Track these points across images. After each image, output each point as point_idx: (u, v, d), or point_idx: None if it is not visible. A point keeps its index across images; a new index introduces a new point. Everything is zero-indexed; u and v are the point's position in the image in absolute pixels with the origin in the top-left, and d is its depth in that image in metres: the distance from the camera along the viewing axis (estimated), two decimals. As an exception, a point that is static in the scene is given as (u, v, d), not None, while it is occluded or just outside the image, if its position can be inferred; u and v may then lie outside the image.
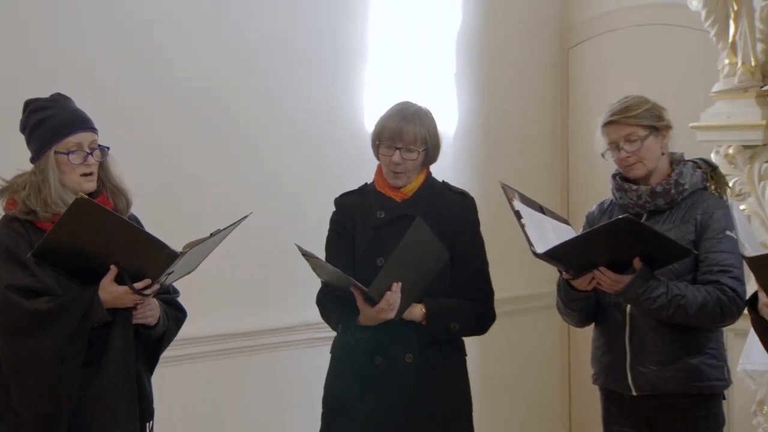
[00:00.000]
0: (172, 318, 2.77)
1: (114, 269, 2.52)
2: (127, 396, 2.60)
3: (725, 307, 2.75)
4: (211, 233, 2.63)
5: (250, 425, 4.10)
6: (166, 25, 3.86)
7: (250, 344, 4.08)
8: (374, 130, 2.97)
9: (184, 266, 2.63)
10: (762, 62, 3.92)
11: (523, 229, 2.73)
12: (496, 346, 4.89)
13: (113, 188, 2.71)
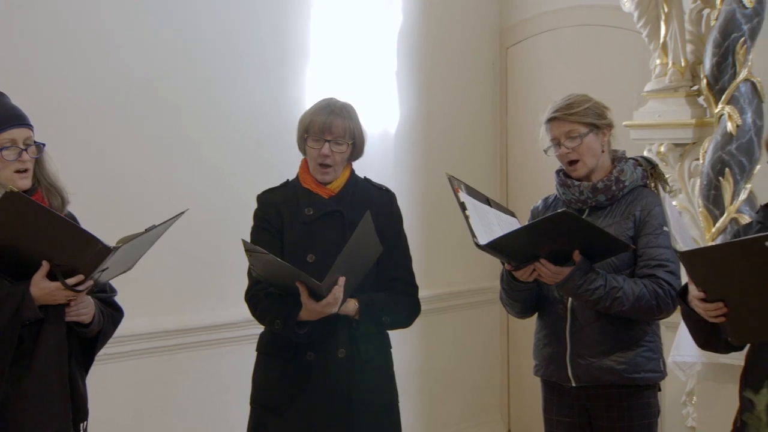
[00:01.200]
0: (108, 317, 2.73)
1: (46, 265, 2.48)
2: (59, 394, 2.56)
3: (661, 300, 2.83)
4: (146, 229, 2.60)
5: (192, 423, 4.08)
6: (107, 23, 3.82)
7: (190, 341, 4.07)
8: (302, 124, 2.96)
9: (120, 263, 2.60)
10: (691, 63, 3.99)
11: (467, 221, 2.77)
12: (437, 339, 4.96)
13: (48, 186, 2.66)
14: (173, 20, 4.01)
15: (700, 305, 2.35)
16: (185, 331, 4.05)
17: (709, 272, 2.30)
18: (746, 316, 2.30)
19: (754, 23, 3.69)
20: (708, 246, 2.34)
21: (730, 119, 3.71)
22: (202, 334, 4.11)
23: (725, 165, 3.72)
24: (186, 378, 4.08)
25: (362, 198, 2.96)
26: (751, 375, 2.52)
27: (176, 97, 4.02)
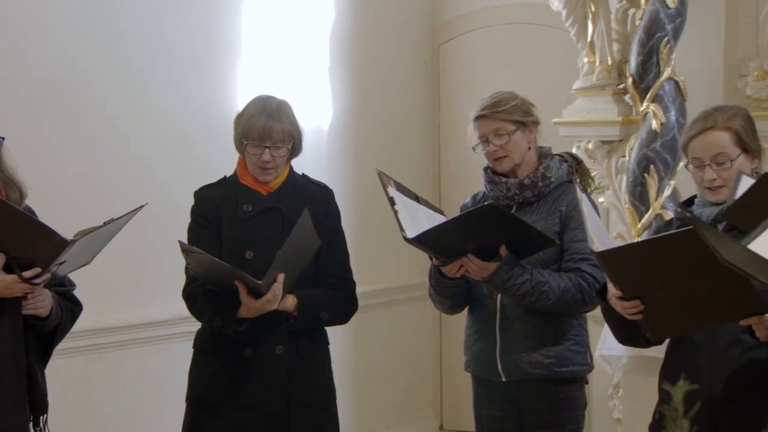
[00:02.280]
0: (67, 310, 2.70)
1: (2, 257, 2.46)
2: (16, 387, 2.53)
3: (585, 294, 2.86)
4: (105, 222, 2.58)
5: (124, 422, 4.04)
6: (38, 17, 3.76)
7: (120, 339, 4.02)
8: (238, 128, 2.93)
9: (78, 256, 2.58)
10: (618, 61, 4.05)
11: (396, 216, 2.78)
12: (369, 336, 4.97)
13: (6, 179, 2.63)
14: (101, 14, 3.95)
15: (618, 303, 2.39)
16: (115, 329, 4.00)
17: (624, 271, 2.34)
18: (662, 313, 2.34)
19: (677, 23, 3.77)
20: (623, 245, 2.38)
21: (654, 117, 3.79)
22: (132, 332, 4.07)
23: (650, 162, 3.79)
24: (117, 376, 4.03)
25: (301, 194, 2.95)
26: (670, 368, 2.58)
27: (104, 93, 3.97)
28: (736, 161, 2.48)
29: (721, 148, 2.48)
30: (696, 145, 2.52)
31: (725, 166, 2.48)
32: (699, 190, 2.55)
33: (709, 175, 2.48)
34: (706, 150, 2.49)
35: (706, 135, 2.50)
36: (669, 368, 2.58)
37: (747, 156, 2.51)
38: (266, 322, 2.85)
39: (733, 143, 2.49)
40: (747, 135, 2.51)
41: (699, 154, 2.51)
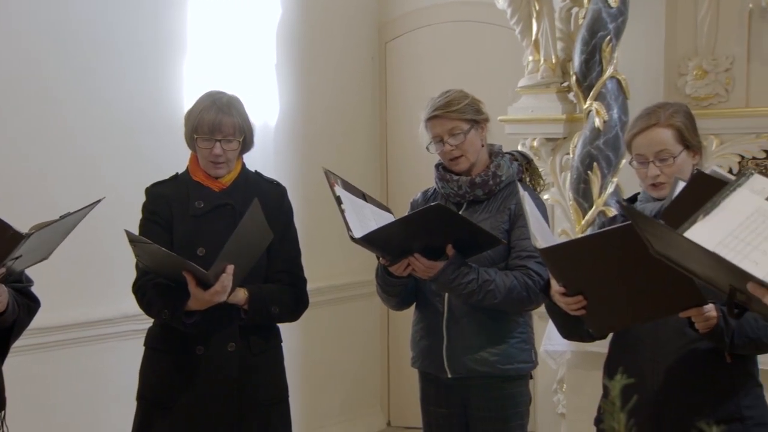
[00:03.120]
0: (24, 307, 2.65)
1: None
2: None
3: (531, 291, 2.88)
4: (61, 216, 2.54)
5: (72, 421, 3.99)
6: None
7: (68, 337, 3.97)
8: (189, 123, 2.93)
9: (35, 251, 2.53)
10: (562, 60, 4.10)
11: (343, 215, 2.77)
12: (317, 333, 4.97)
13: None
14: (47, 9, 3.89)
15: (561, 300, 2.41)
16: (62, 327, 3.94)
17: (567, 267, 2.36)
18: (604, 308, 2.37)
19: (619, 22, 3.82)
20: (565, 241, 2.41)
21: (597, 115, 3.84)
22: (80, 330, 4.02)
23: (593, 159, 3.84)
24: (65, 375, 3.98)
25: (253, 191, 2.93)
26: (613, 362, 2.62)
27: (51, 89, 3.91)
28: (678, 158, 2.52)
29: (664, 145, 2.52)
30: (639, 142, 2.55)
31: (668, 162, 2.51)
32: (643, 186, 2.59)
33: (653, 172, 2.52)
34: (649, 147, 2.53)
35: (649, 132, 2.54)
36: (612, 363, 2.62)
37: (689, 152, 2.55)
38: (218, 319, 2.84)
39: (675, 140, 2.53)
40: (689, 132, 2.55)
41: (643, 151, 2.54)
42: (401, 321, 4.78)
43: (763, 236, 1.68)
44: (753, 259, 1.65)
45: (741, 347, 2.38)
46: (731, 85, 3.92)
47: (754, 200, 1.74)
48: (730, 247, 1.68)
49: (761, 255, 1.65)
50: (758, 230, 1.70)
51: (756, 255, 1.66)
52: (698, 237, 1.70)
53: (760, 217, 1.72)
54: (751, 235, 1.69)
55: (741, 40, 3.89)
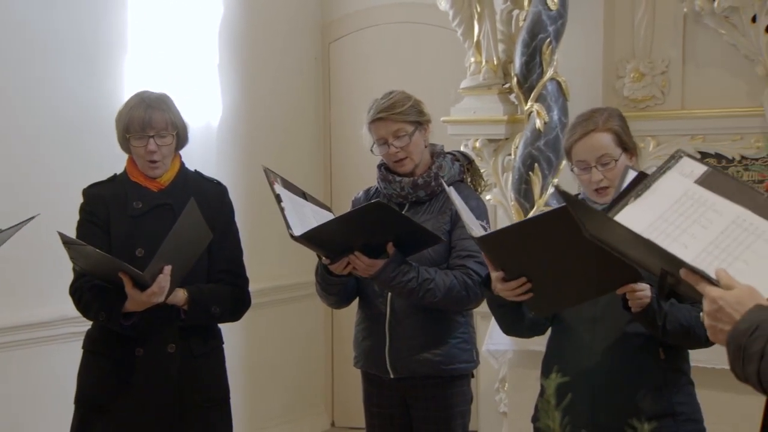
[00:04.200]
0: None
1: None
2: None
3: (470, 290, 2.91)
4: None
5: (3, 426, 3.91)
6: None
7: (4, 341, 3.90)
8: (120, 123, 2.91)
9: None
10: (503, 61, 4.12)
11: (283, 213, 2.77)
12: (259, 334, 4.95)
13: None
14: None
15: (502, 288, 2.44)
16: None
17: (504, 253, 2.39)
18: (544, 289, 2.40)
19: (558, 25, 3.86)
20: (500, 229, 2.44)
21: (538, 116, 3.87)
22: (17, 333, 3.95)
23: (534, 160, 3.88)
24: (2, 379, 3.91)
25: (193, 191, 2.92)
26: (551, 360, 2.66)
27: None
28: (619, 161, 2.56)
29: (604, 149, 2.56)
30: (580, 149, 2.58)
31: (610, 166, 2.55)
32: (587, 192, 2.63)
33: (596, 177, 2.55)
34: (590, 152, 2.56)
35: (589, 138, 2.57)
36: (549, 361, 2.66)
37: (627, 155, 2.60)
38: (157, 320, 2.82)
39: (614, 144, 2.57)
40: (625, 134, 2.60)
41: (584, 157, 2.57)
42: (345, 321, 4.78)
43: (692, 219, 1.71)
44: (682, 242, 1.68)
45: (673, 333, 2.42)
46: (667, 87, 3.99)
47: (683, 183, 1.77)
48: (660, 230, 1.71)
49: (690, 238, 1.68)
50: (687, 213, 1.73)
51: (685, 238, 1.69)
52: (629, 220, 1.73)
53: (688, 200, 1.74)
54: (680, 219, 1.72)
55: (676, 43, 3.96)
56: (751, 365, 1.51)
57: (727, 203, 1.73)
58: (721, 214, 1.71)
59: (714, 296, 1.59)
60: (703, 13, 3.73)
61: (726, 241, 1.68)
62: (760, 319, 1.52)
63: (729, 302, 1.57)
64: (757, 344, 1.50)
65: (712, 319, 1.60)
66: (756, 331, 1.51)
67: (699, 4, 3.71)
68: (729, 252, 1.66)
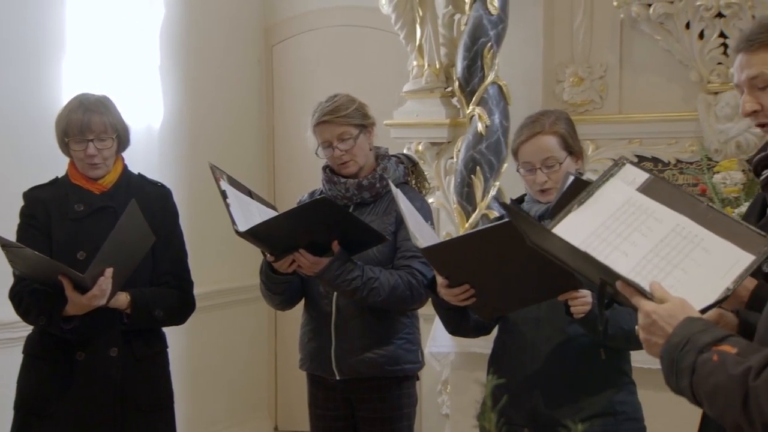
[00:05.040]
0: None
1: None
2: None
3: (414, 290, 2.93)
4: None
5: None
6: None
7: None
8: (58, 127, 2.89)
9: None
10: (446, 65, 4.14)
11: (228, 209, 2.76)
12: (203, 338, 4.91)
13: None
14: None
15: (447, 293, 2.47)
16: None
17: (449, 263, 2.43)
18: (489, 295, 2.44)
19: (499, 29, 3.89)
20: (445, 240, 2.48)
21: (480, 120, 3.90)
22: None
23: (476, 164, 3.90)
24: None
25: (136, 193, 2.90)
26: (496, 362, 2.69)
27: None
28: (564, 163, 2.61)
29: (550, 152, 2.60)
30: (526, 150, 2.62)
31: (554, 168, 2.60)
32: (531, 193, 2.67)
33: (541, 178, 2.59)
34: (536, 154, 2.61)
35: (535, 140, 2.62)
36: (495, 362, 2.69)
37: (572, 158, 2.64)
38: (99, 324, 2.80)
39: (560, 147, 2.61)
40: (571, 138, 2.65)
41: (529, 158, 2.62)
42: (289, 324, 4.78)
43: (633, 227, 1.72)
44: (623, 251, 1.69)
45: (614, 338, 2.46)
46: (605, 92, 4.06)
47: (626, 191, 1.78)
48: (602, 238, 1.71)
49: (630, 246, 1.69)
50: (628, 221, 1.74)
51: (625, 246, 1.70)
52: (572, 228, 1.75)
53: (630, 208, 1.75)
54: (622, 226, 1.73)
55: (614, 48, 4.02)
56: (684, 379, 1.51)
57: (667, 211, 1.74)
58: (661, 222, 1.72)
59: (647, 310, 1.60)
60: (640, 19, 3.80)
61: (665, 250, 1.69)
62: (690, 332, 1.52)
63: (662, 316, 1.57)
64: (689, 358, 1.50)
65: (646, 332, 1.61)
66: (686, 345, 1.51)
67: (635, 10, 3.78)
68: (668, 260, 1.67)
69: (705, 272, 1.65)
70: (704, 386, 1.46)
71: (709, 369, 1.45)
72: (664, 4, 3.70)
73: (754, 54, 1.95)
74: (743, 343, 1.48)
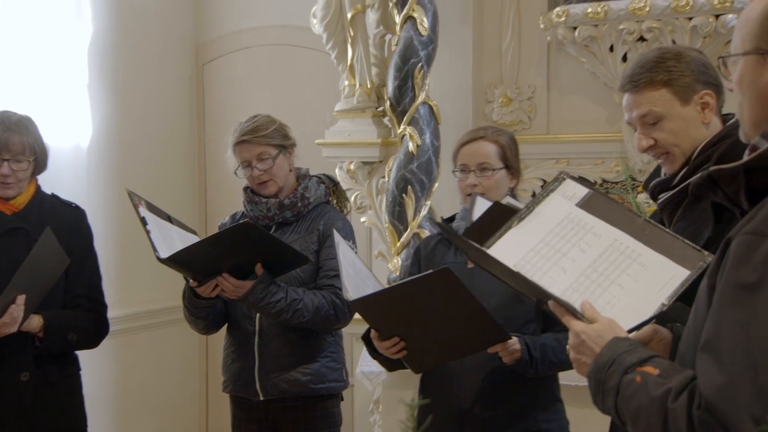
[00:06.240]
0: None
1: None
2: None
3: (339, 310, 2.94)
4: None
5: None
6: None
7: None
8: None
9: None
10: (377, 85, 4.16)
11: (149, 235, 2.75)
12: (131, 360, 4.83)
13: None
14: None
15: (379, 344, 2.49)
16: None
17: (378, 315, 2.44)
18: (418, 349, 2.46)
19: (430, 50, 3.93)
20: (374, 292, 2.47)
21: (411, 139, 3.92)
22: None
23: (408, 183, 3.93)
24: None
25: (49, 214, 2.87)
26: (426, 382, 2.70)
27: None
28: (498, 172, 2.66)
29: (486, 157, 2.66)
30: (464, 152, 2.69)
31: (487, 174, 2.65)
32: (461, 197, 2.71)
33: (471, 181, 2.65)
34: (473, 157, 2.67)
35: (475, 144, 2.68)
36: (425, 383, 2.70)
37: (508, 173, 2.69)
38: (10, 348, 2.75)
39: (497, 156, 2.67)
40: (511, 153, 2.70)
41: (466, 161, 2.68)
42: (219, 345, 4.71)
43: (572, 243, 1.74)
44: (561, 267, 1.70)
45: (546, 372, 2.53)
46: (533, 112, 4.12)
47: (565, 206, 1.80)
48: (541, 254, 1.72)
49: (569, 262, 1.70)
50: (567, 237, 1.75)
51: (564, 262, 1.71)
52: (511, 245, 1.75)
53: (569, 223, 1.77)
54: (561, 242, 1.74)
55: (541, 70, 4.09)
56: (610, 399, 1.52)
57: (606, 226, 1.75)
58: (599, 237, 1.73)
59: (577, 330, 1.61)
60: (566, 42, 3.88)
61: (603, 265, 1.70)
62: (616, 352, 1.53)
63: (590, 336, 1.59)
64: (614, 379, 1.51)
65: (575, 352, 1.62)
66: (612, 366, 1.52)
67: (561, 33, 3.85)
68: (606, 276, 1.68)
69: (641, 288, 1.67)
70: (628, 407, 1.48)
71: (633, 390, 1.46)
72: (589, 27, 3.78)
73: (640, 93, 2.04)
74: (666, 364, 1.49)
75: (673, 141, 2.04)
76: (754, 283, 1.32)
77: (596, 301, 1.65)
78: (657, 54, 2.08)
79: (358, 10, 4.08)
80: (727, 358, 1.33)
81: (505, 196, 2.63)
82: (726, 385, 1.31)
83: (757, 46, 1.47)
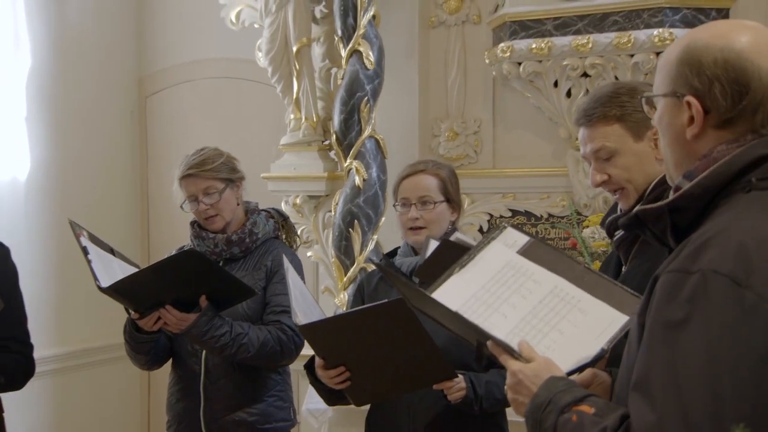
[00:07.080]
0: None
1: None
2: None
3: (284, 346, 2.89)
4: None
5: None
6: None
7: None
8: None
9: None
10: (323, 118, 4.15)
11: (90, 265, 2.68)
12: (70, 400, 4.71)
13: None
14: None
15: (323, 373, 2.45)
16: None
17: (326, 342, 2.41)
18: (363, 381, 2.43)
19: (376, 84, 3.93)
20: (324, 318, 2.45)
21: (357, 173, 3.91)
22: None
23: (354, 217, 3.90)
24: None
25: None
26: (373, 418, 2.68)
27: None
28: (439, 205, 2.65)
29: (427, 191, 2.65)
30: (405, 186, 2.68)
31: (428, 207, 2.64)
32: (402, 232, 2.69)
33: (413, 214, 2.63)
34: (413, 191, 2.66)
35: (415, 177, 2.67)
36: (372, 418, 2.68)
37: (449, 206, 2.68)
38: None
39: (438, 189, 2.66)
40: (452, 186, 2.69)
41: (407, 195, 2.67)
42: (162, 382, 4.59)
43: (512, 289, 1.74)
44: (502, 313, 1.71)
45: (491, 408, 2.51)
46: (480, 147, 4.14)
47: (506, 253, 1.81)
48: (482, 300, 1.73)
49: (510, 308, 1.71)
50: (508, 283, 1.76)
51: (505, 308, 1.71)
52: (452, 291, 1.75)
53: (510, 270, 1.78)
54: (502, 289, 1.75)
55: (487, 104, 4.12)
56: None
57: (546, 273, 1.77)
58: (540, 284, 1.75)
59: (514, 369, 1.60)
60: (511, 77, 3.90)
61: (544, 311, 1.71)
62: (552, 392, 1.53)
63: (527, 375, 1.58)
64: (551, 418, 1.50)
65: (513, 392, 1.61)
66: (548, 405, 1.51)
67: (506, 68, 3.88)
68: (546, 321, 1.69)
69: (581, 333, 1.68)
70: None
71: (569, 430, 1.46)
72: (533, 63, 3.81)
73: (593, 128, 2.05)
74: (601, 402, 1.49)
75: (627, 177, 2.05)
76: (681, 320, 1.33)
77: (537, 346, 1.65)
78: (611, 89, 2.09)
79: (304, 43, 4.06)
80: (658, 396, 1.33)
81: (454, 233, 2.62)
82: (657, 423, 1.32)
83: (674, 89, 1.50)
